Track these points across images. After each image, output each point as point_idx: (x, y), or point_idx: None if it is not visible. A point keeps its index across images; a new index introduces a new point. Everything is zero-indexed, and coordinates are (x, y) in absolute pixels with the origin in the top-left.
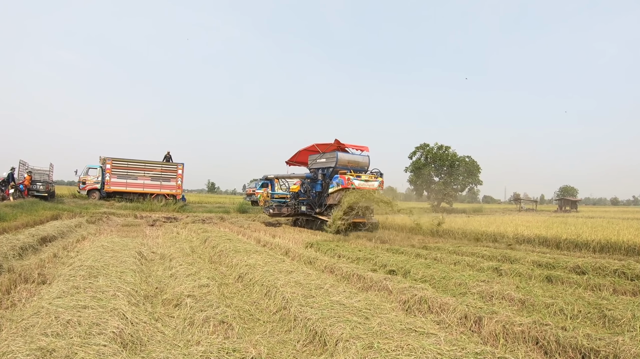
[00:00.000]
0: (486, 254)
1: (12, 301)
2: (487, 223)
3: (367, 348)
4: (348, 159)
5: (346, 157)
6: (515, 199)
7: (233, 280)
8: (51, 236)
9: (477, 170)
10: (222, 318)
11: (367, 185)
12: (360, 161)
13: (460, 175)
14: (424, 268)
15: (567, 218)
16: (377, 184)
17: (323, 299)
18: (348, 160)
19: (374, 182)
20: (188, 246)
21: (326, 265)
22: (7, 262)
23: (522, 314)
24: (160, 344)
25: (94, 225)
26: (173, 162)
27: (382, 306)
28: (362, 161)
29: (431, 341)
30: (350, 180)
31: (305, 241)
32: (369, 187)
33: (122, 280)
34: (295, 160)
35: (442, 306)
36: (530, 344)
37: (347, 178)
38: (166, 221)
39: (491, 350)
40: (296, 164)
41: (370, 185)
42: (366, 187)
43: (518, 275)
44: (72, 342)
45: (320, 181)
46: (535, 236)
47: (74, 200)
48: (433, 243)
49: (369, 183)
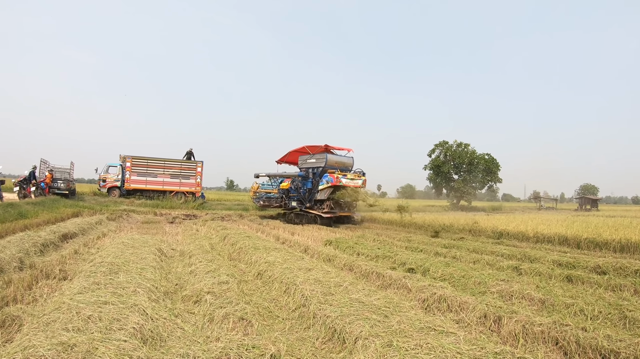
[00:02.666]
0: (506, 253)
1: (33, 296)
2: (507, 222)
3: (386, 346)
4: (336, 160)
5: (334, 158)
6: (535, 197)
7: (252, 277)
8: (72, 233)
9: (496, 167)
10: (241, 315)
11: (353, 182)
12: (346, 161)
13: (479, 173)
14: (443, 266)
15: (587, 217)
16: (361, 182)
17: (342, 297)
18: (336, 161)
19: (358, 180)
20: (207, 243)
21: (345, 262)
22: (29, 258)
23: (542, 314)
24: (180, 340)
25: (114, 222)
26: (193, 160)
27: (401, 304)
28: (347, 161)
29: (450, 340)
30: (338, 178)
31: (324, 239)
32: (354, 185)
33: (142, 276)
34: (285, 160)
35: (461, 305)
36: (550, 344)
37: (336, 176)
38: (185, 219)
39: (510, 350)
40: (286, 163)
41: (355, 183)
42: (351, 185)
43: (538, 275)
44: (92, 337)
45: (310, 179)
46: (555, 235)
47: (94, 197)
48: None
49: (354, 181)
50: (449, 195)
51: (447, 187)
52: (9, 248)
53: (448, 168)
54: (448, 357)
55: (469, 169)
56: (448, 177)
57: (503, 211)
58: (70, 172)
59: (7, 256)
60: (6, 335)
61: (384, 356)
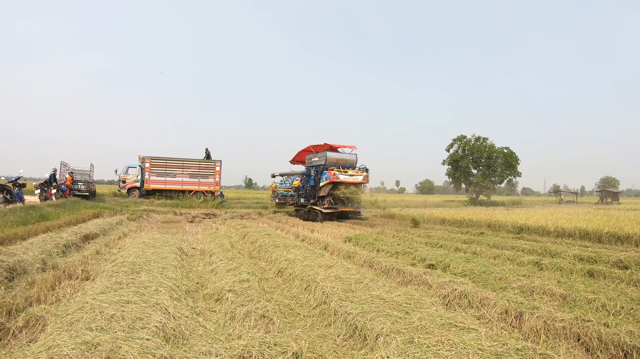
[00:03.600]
0: (526, 248)
1: (56, 296)
2: (527, 216)
3: (408, 343)
4: (336, 157)
5: (335, 156)
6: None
7: (273, 275)
8: (93, 234)
9: (515, 161)
10: (262, 313)
11: (352, 179)
12: (348, 158)
13: (498, 167)
14: (463, 262)
15: (608, 210)
16: (362, 178)
17: (363, 294)
18: (337, 159)
19: (358, 176)
20: (227, 241)
21: (365, 259)
22: (52, 259)
23: (563, 310)
24: (203, 338)
25: (134, 222)
26: (211, 159)
27: (422, 300)
28: (349, 158)
29: (472, 336)
30: (336, 175)
31: (343, 236)
32: (354, 181)
33: (163, 275)
34: (296, 159)
35: (482, 301)
36: (571, 340)
37: (334, 173)
38: (205, 218)
39: (532, 346)
40: (297, 163)
41: (355, 179)
42: (351, 181)
43: (559, 270)
44: (116, 336)
45: (313, 177)
46: (576, 230)
47: (114, 198)
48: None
49: (353, 177)
50: (467, 190)
51: (466, 182)
52: (31, 250)
53: (466, 162)
54: (469, 353)
55: (488, 163)
56: (467, 171)
57: (523, 205)
58: (90, 174)
59: (30, 258)
60: (30, 335)
61: (406, 352)
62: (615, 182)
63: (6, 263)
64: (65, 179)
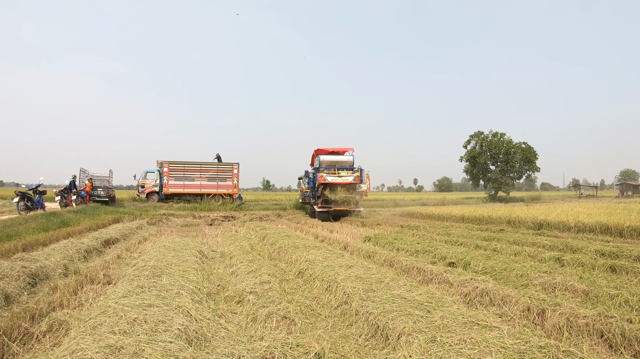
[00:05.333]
0: (547, 244)
1: (79, 301)
2: (547, 212)
3: (430, 342)
4: (330, 160)
5: (328, 159)
6: (574, 185)
7: (293, 276)
8: (114, 239)
9: (534, 156)
10: (284, 314)
11: (341, 179)
12: (343, 160)
13: (516, 163)
14: (484, 259)
15: (629, 204)
16: (352, 178)
17: (384, 294)
18: (330, 161)
19: (348, 177)
20: (247, 243)
21: (385, 258)
22: (73, 264)
23: (586, 306)
24: (225, 340)
25: (154, 226)
26: (228, 162)
27: (444, 299)
28: (344, 160)
29: (494, 334)
30: (323, 177)
31: (362, 236)
32: (342, 182)
33: (184, 278)
34: (311, 162)
35: (504, 298)
36: (594, 337)
37: (321, 175)
38: (224, 220)
39: (555, 343)
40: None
41: (344, 180)
42: (339, 182)
43: (581, 265)
44: (139, 339)
45: (312, 179)
46: (597, 224)
47: (133, 203)
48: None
49: (342, 178)
50: (486, 187)
51: (484, 178)
52: (53, 256)
53: (484, 159)
54: (492, 351)
55: (506, 159)
56: (485, 167)
57: (542, 200)
58: (109, 180)
59: (52, 263)
60: (54, 339)
61: (428, 351)
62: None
63: (29, 269)
64: (84, 185)
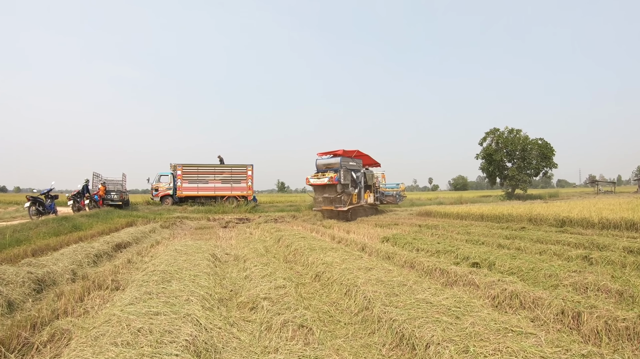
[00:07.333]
0: (572, 241)
1: (84, 308)
2: (569, 208)
3: (462, 352)
4: (323, 163)
5: (322, 161)
6: (591, 181)
7: (310, 280)
8: (125, 243)
9: (551, 152)
10: (301, 322)
11: (319, 181)
12: (333, 162)
13: (533, 159)
14: (509, 259)
15: None
16: (327, 179)
17: (407, 298)
18: (323, 164)
19: (324, 179)
20: (262, 246)
21: (406, 259)
22: (82, 269)
23: (621, 307)
24: (236, 352)
25: (167, 229)
26: (242, 164)
27: (472, 303)
28: (334, 162)
29: (531, 342)
30: (307, 179)
31: (380, 236)
32: (319, 183)
33: (195, 283)
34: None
35: (535, 301)
36: (635, 342)
37: (307, 178)
38: (239, 223)
39: (597, 351)
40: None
41: (320, 181)
42: (317, 183)
43: (610, 263)
44: (142, 352)
45: None
46: (622, 220)
47: (147, 206)
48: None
49: (319, 179)
50: (502, 184)
51: (501, 176)
52: (61, 261)
53: (500, 156)
54: None
55: (523, 156)
56: (501, 165)
57: (560, 197)
58: (123, 183)
59: (60, 269)
60: (55, 350)
61: None
62: None
63: (35, 274)
64: (97, 189)
